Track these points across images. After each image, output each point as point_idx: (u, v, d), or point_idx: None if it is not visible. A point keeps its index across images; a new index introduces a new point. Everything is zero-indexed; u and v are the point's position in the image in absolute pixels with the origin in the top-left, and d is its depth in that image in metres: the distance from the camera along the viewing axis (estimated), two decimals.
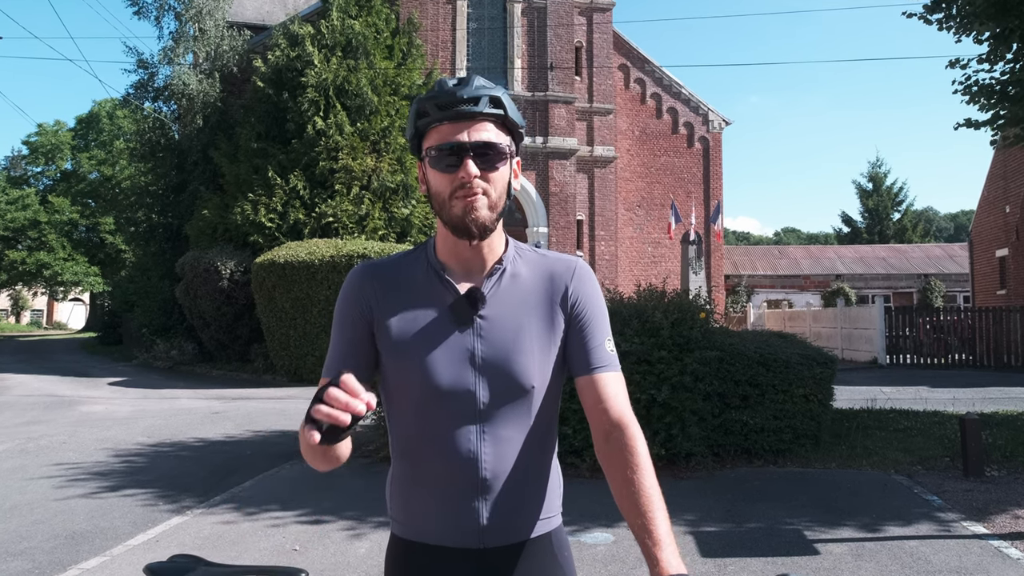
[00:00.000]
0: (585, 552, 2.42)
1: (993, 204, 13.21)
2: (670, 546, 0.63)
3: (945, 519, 2.80)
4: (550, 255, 0.80)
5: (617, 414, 0.72)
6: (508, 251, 0.77)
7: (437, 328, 0.73)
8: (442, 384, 0.72)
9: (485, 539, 0.72)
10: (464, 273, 0.76)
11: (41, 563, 2.44)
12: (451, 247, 0.76)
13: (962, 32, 4.43)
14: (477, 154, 0.72)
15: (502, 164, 0.74)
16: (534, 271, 0.78)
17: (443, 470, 0.73)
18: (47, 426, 5.40)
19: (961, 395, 6.44)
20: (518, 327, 0.74)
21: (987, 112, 4.58)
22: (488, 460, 0.72)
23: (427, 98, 0.73)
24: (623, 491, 0.68)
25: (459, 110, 0.71)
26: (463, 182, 0.71)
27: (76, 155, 23.63)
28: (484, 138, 0.72)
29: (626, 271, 13.58)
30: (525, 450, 0.74)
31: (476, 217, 0.72)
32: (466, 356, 0.73)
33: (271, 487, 3.41)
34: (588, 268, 0.81)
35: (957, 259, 18.19)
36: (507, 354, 0.73)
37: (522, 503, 0.74)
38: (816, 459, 3.73)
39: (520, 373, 0.73)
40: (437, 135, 0.73)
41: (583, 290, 0.77)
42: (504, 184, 0.75)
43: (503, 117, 0.74)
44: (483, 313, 0.74)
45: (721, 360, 3.58)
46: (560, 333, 0.76)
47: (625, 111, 14.15)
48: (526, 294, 0.76)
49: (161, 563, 0.72)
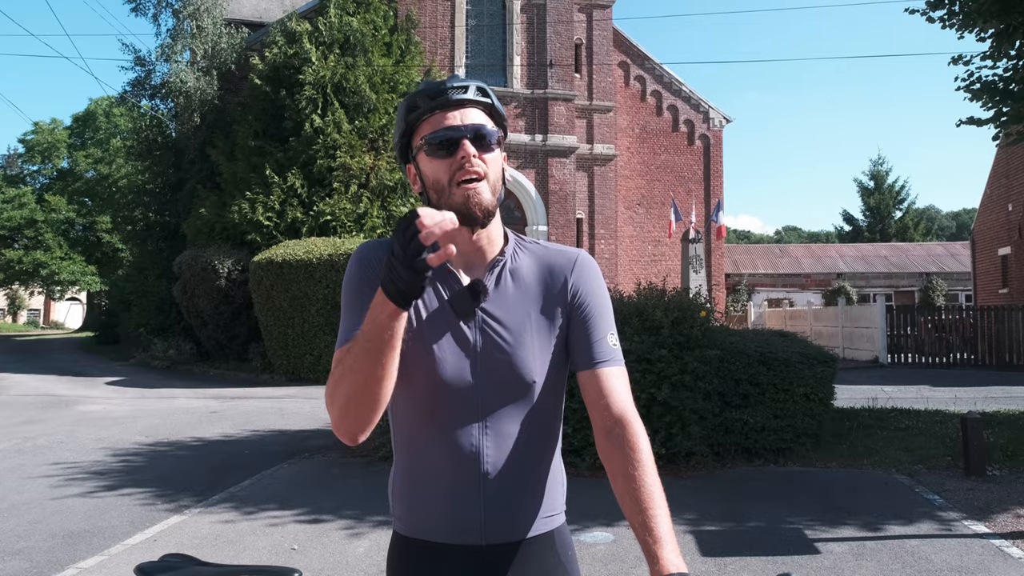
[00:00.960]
0: (585, 551, 2.42)
1: (995, 202, 13.11)
2: (671, 544, 0.62)
3: (946, 518, 2.80)
4: (551, 247, 0.79)
5: (619, 410, 0.71)
6: (508, 244, 0.76)
7: (438, 321, 0.72)
8: (443, 378, 0.71)
9: (487, 536, 0.72)
10: (464, 267, 0.75)
11: (39, 563, 2.42)
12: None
13: (964, 29, 4.41)
14: (473, 136, 0.71)
15: (496, 147, 0.74)
16: (535, 264, 0.76)
17: (445, 465, 0.72)
18: (44, 425, 5.38)
19: (963, 394, 6.43)
20: (519, 321, 0.73)
21: (990, 109, 4.56)
22: (490, 455, 0.71)
23: (415, 94, 0.74)
24: (624, 488, 0.66)
25: (449, 97, 0.72)
26: (462, 163, 0.71)
27: (73, 153, 23.46)
28: (478, 120, 0.73)
29: (626, 270, 13.52)
30: (527, 446, 0.73)
31: (479, 201, 0.71)
32: (467, 350, 0.72)
33: (269, 486, 3.40)
34: (591, 260, 0.79)
35: (959, 258, 18.07)
36: (508, 348, 0.72)
37: (524, 499, 0.73)
38: (817, 458, 3.72)
39: (521, 367, 0.72)
40: (430, 125, 0.73)
41: (584, 282, 0.76)
42: (499, 168, 0.74)
43: (490, 106, 0.75)
44: (485, 306, 0.73)
45: (722, 359, 3.58)
46: (561, 327, 0.75)
47: (625, 109, 14.08)
48: (527, 287, 0.75)
49: (152, 563, 0.71)
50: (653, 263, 13.95)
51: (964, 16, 4.29)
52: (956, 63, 4.62)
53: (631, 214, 14.08)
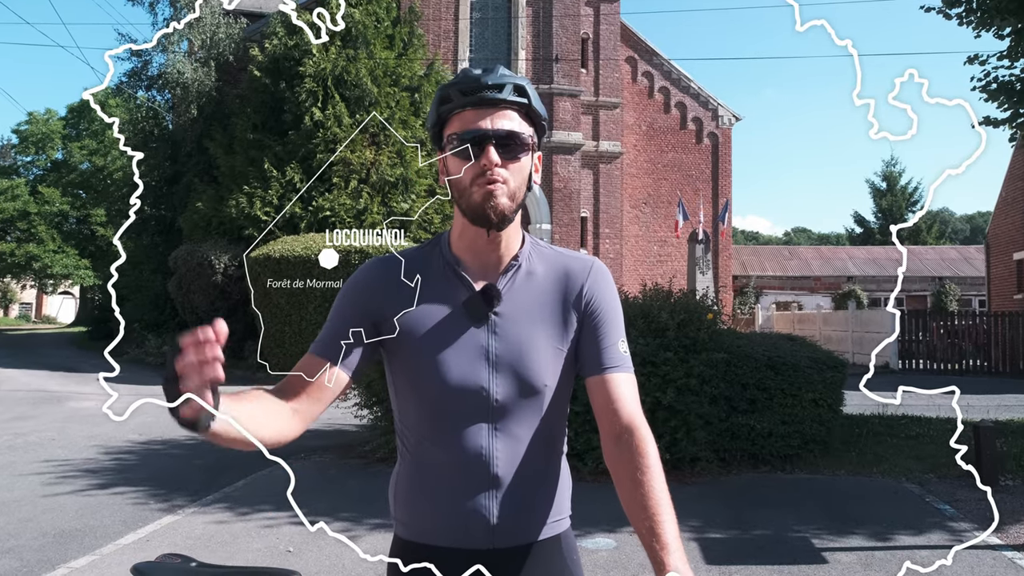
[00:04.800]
0: (587, 557, 2.39)
1: (1011, 205, 12.88)
2: (678, 551, 0.62)
3: (957, 529, 2.76)
4: (567, 253, 0.79)
5: (628, 416, 0.71)
6: (524, 247, 0.76)
7: (451, 325, 0.72)
8: (456, 381, 0.71)
9: (496, 539, 0.72)
10: (480, 269, 0.75)
11: (29, 561, 2.39)
12: (468, 241, 0.75)
13: (982, 27, 4.35)
14: (500, 143, 0.71)
15: (524, 155, 0.73)
16: (550, 269, 0.77)
17: (454, 468, 0.72)
18: (36, 422, 5.32)
19: (975, 402, 6.31)
20: (533, 325, 0.74)
21: (1006, 110, 4.50)
22: (500, 458, 0.72)
23: (451, 84, 0.73)
24: (631, 494, 0.66)
25: (483, 96, 0.71)
26: (484, 170, 0.70)
27: (67, 144, 23.25)
28: (507, 127, 0.71)
29: (631, 270, 13.37)
30: (536, 449, 0.74)
31: (496, 204, 0.71)
32: (480, 353, 0.72)
33: (264, 487, 3.34)
34: (604, 268, 0.80)
35: (973, 262, 17.78)
36: (521, 352, 0.72)
37: (533, 503, 0.74)
38: (825, 465, 3.68)
39: (534, 372, 0.72)
40: (459, 122, 0.72)
41: (598, 290, 0.76)
42: (525, 175, 0.73)
43: (527, 107, 0.73)
44: (498, 310, 0.73)
45: (728, 363, 3.52)
46: (573, 332, 0.75)
47: (632, 105, 13.86)
48: (541, 292, 0.75)
49: (149, 563, 0.70)
50: (659, 263, 13.78)
51: (982, 14, 4.21)
52: (972, 63, 4.55)
53: (637, 213, 13.92)
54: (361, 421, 3.96)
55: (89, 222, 22.76)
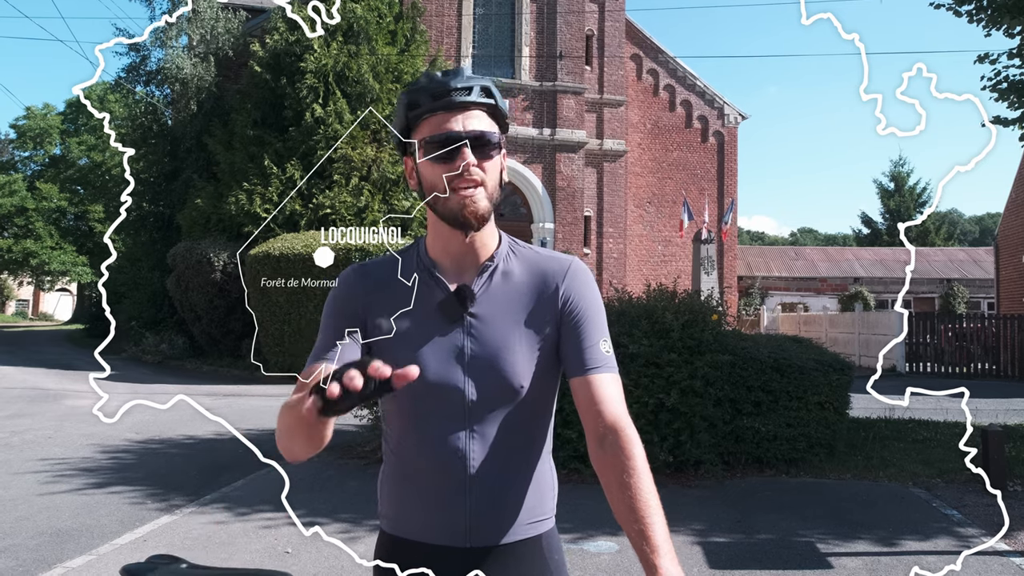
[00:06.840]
0: (588, 561, 2.36)
1: (1021, 207, 12.67)
2: (668, 553, 0.61)
3: (965, 534, 2.73)
4: (544, 253, 0.79)
5: (612, 417, 0.70)
6: (501, 247, 0.76)
7: (427, 327, 0.73)
8: (431, 382, 0.71)
9: (471, 538, 0.72)
10: (456, 270, 0.75)
11: (25, 561, 2.37)
12: (443, 244, 0.75)
13: (992, 25, 4.31)
14: (474, 144, 0.71)
15: (496, 153, 0.74)
16: (527, 269, 0.76)
17: (432, 468, 0.72)
18: (32, 420, 5.29)
19: (984, 406, 6.22)
20: (508, 326, 0.73)
21: (1017, 109, 4.47)
22: (476, 459, 0.72)
23: (417, 89, 0.73)
24: (619, 496, 0.66)
25: (452, 99, 0.71)
26: (461, 171, 0.71)
27: (65, 140, 23.11)
28: (479, 127, 0.72)
29: (635, 270, 13.26)
30: (514, 450, 0.74)
31: (475, 209, 0.71)
32: (456, 354, 0.72)
33: (263, 487, 3.32)
34: (583, 267, 0.79)
35: (982, 264, 17.56)
36: (497, 353, 0.72)
37: (510, 504, 0.73)
38: (831, 469, 3.64)
39: (510, 373, 0.72)
40: (430, 126, 0.72)
41: (576, 289, 0.76)
42: (498, 174, 0.74)
43: (493, 107, 0.74)
44: (474, 311, 0.73)
45: (733, 364, 3.49)
46: (549, 333, 0.75)
47: (637, 103, 13.72)
48: (517, 292, 0.75)
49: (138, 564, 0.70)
50: (663, 263, 13.65)
51: (993, 11, 4.15)
52: (982, 61, 4.51)
53: (641, 212, 13.79)
54: (360, 421, 3.93)
55: (87, 218, 22.71)
